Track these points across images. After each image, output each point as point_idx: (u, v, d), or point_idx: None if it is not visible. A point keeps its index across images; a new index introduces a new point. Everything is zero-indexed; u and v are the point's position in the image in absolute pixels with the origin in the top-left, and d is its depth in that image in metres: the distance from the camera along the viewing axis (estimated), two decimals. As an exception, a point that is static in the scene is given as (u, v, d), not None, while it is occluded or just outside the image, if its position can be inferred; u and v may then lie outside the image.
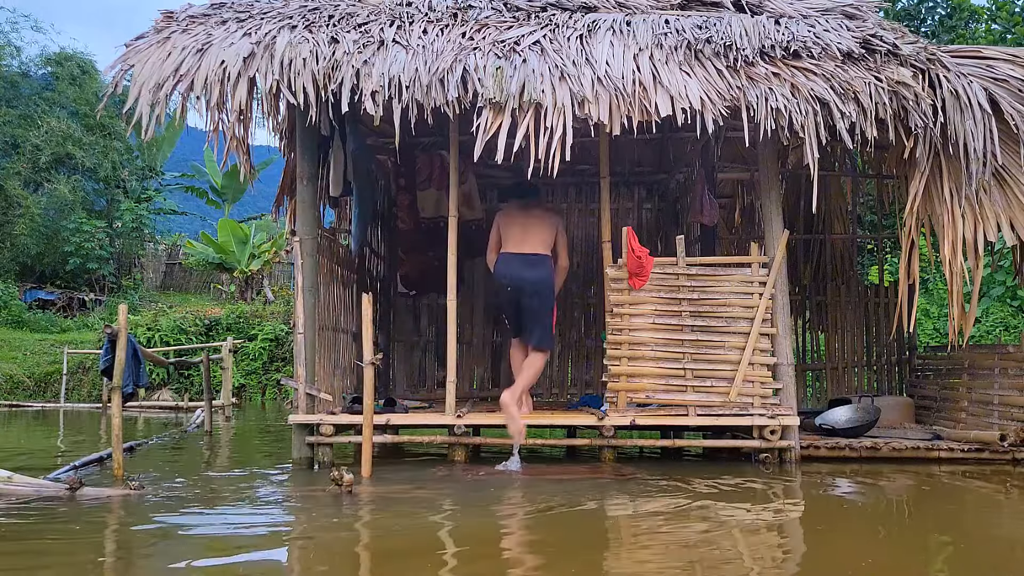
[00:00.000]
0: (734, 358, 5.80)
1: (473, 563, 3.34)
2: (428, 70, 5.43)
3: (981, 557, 3.53)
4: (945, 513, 4.49)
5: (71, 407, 14.60)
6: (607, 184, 6.38)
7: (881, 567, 3.25)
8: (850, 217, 8.73)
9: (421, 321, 8.98)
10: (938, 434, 6.34)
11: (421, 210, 8.04)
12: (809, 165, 5.38)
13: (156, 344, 15.80)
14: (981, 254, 5.67)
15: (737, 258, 6.75)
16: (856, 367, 8.24)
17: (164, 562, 3.33)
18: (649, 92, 5.40)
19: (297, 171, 6.34)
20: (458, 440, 5.95)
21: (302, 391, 5.94)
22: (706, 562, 3.28)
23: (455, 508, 4.44)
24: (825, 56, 5.64)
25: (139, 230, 23.13)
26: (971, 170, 5.59)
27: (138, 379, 6.05)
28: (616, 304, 5.91)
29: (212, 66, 5.46)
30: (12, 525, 4.00)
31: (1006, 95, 5.76)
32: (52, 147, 21.31)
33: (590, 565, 3.27)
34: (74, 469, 5.50)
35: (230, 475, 5.91)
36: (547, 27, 5.91)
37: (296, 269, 6.16)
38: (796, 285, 8.22)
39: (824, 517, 4.37)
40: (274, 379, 16.07)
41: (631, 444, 6.98)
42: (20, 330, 18.83)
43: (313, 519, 4.23)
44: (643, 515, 4.17)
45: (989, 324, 12.00)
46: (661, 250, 8.43)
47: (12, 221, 20.84)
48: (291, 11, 5.95)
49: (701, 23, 5.90)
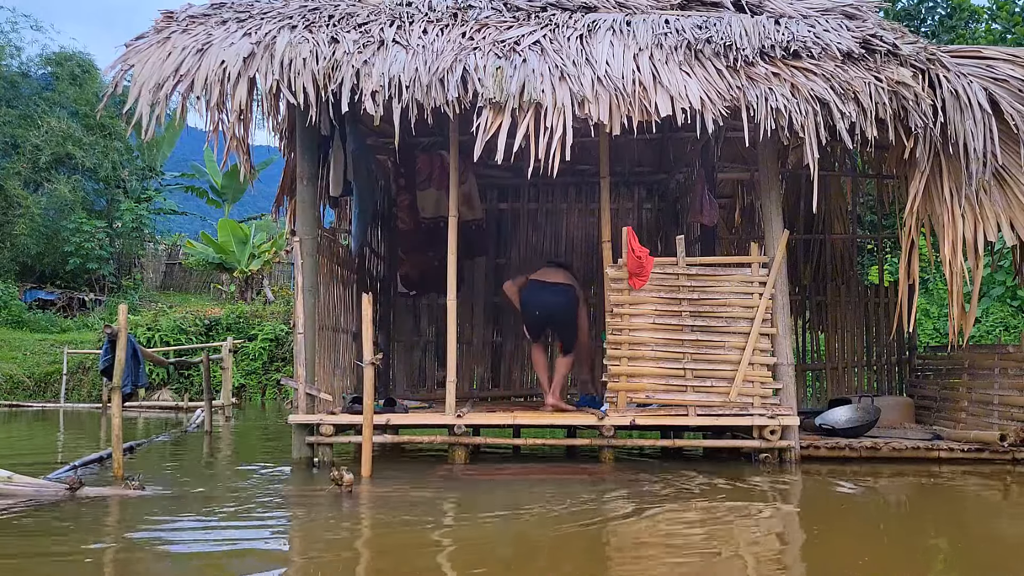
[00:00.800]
0: (734, 358, 5.80)
1: (474, 563, 3.34)
2: (428, 70, 5.43)
3: (981, 557, 3.53)
4: (945, 513, 4.49)
5: (71, 407, 14.60)
6: (607, 184, 6.38)
7: (881, 567, 3.25)
8: (850, 217, 8.73)
9: (421, 321, 8.99)
10: (938, 434, 6.34)
11: (421, 210, 8.03)
12: (809, 165, 5.38)
13: (156, 344, 15.80)
14: (981, 254, 5.67)
15: (737, 258, 6.75)
16: (856, 367, 8.24)
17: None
18: (649, 92, 5.40)
19: (297, 171, 6.34)
20: (458, 440, 5.95)
21: (302, 391, 5.94)
22: (706, 562, 3.28)
23: (456, 508, 4.44)
24: (825, 56, 5.64)
25: (139, 230, 23.11)
26: (971, 170, 5.59)
27: (138, 379, 6.05)
28: (616, 304, 5.91)
29: (212, 66, 5.46)
30: (12, 525, 4.00)
31: (1006, 95, 5.76)
32: (52, 147, 21.30)
33: (590, 565, 3.27)
34: (74, 469, 5.50)
35: (230, 476, 5.91)
36: (547, 27, 5.91)
37: (296, 269, 6.16)
38: (796, 285, 8.22)
39: (824, 517, 4.37)
40: (274, 379, 16.07)
41: (631, 444, 6.98)
42: (20, 330, 18.82)
43: (313, 520, 4.23)
44: (642, 515, 4.17)
45: (989, 324, 12.00)
46: (661, 250, 8.44)
47: (12, 221, 20.83)
48: (291, 11, 5.95)
49: (701, 23, 5.90)
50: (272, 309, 18.25)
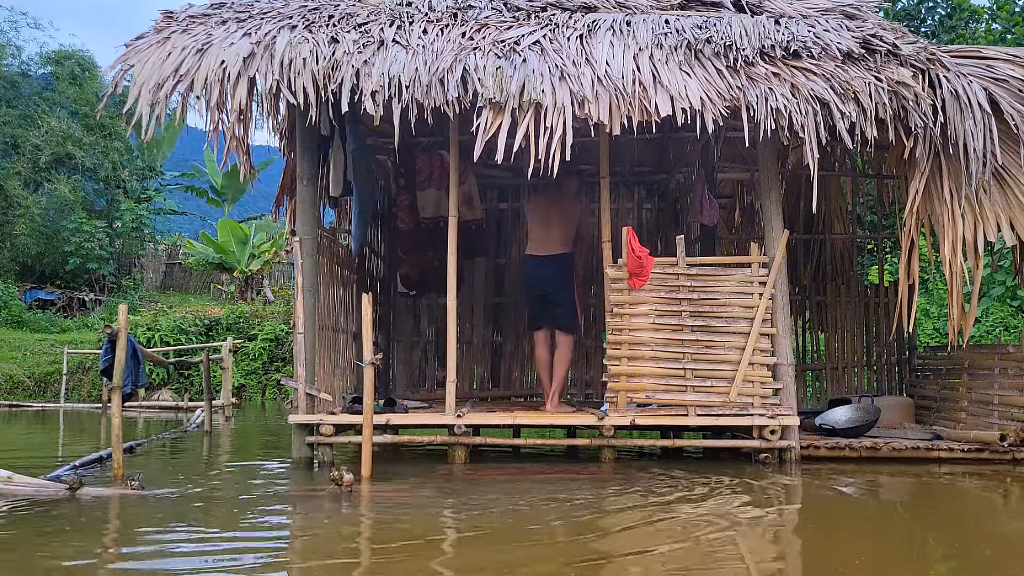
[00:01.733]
0: (734, 358, 5.80)
1: (474, 564, 3.34)
2: (428, 70, 5.43)
3: (981, 557, 3.53)
4: (945, 513, 4.49)
5: (71, 407, 14.60)
6: (607, 184, 6.38)
7: (881, 567, 3.25)
8: (850, 217, 8.73)
9: (421, 321, 8.99)
10: (938, 434, 6.34)
11: (421, 210, 8.03)
12: (809, 165, 5.38)
13: (156, 344, 15.80)
14: (981, 254, 5.67)
15: (737, 258, 6.75)
16: (856, 367, 8.24)
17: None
18: (649, 92, 5.40)
19: (297, 171, 6.34)
20: (458, 440, 5.95)
21: (302, 391, 5.94)
22: (705, 561, 3.28)
23: (456, 509, 4.44)
24: (825, 56, 5.64)
25: (139, 230, 23.11)
26: (971, 170, 5.59)
27: (138, 379, 6.05)
28: (616, 304, 5.91)
29: (212, 66, 5.45)
30: (12, 525, 4.00)
31: (1006, 95, 5.76)
32: (52, 147, 21.30)
33: (590, 565, 3.27)
34: (74, 469, 5.50)
35: (230, 475, 5.91)
36: (547, 27, 5.91)
37: (296, 269, 6.16)
38: (796, 285, 8.22)
39: (824, 517, 4.37)
40: (274, 379, 16.07)
41: (631, 444, 6.98)
42: (20, 330, 18.82)
43: (313, 521, 4.23)
44: (642, 515, 4.17)
45: (989, 324, 12.00)
46: (661, 250, 8.43)
47: (12, 221, 20.83)
48: (291, 11, 5.95)
49: (701, 23, 5.89)
50: (272, 309, 18.25)
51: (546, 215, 6.84)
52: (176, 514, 4.27)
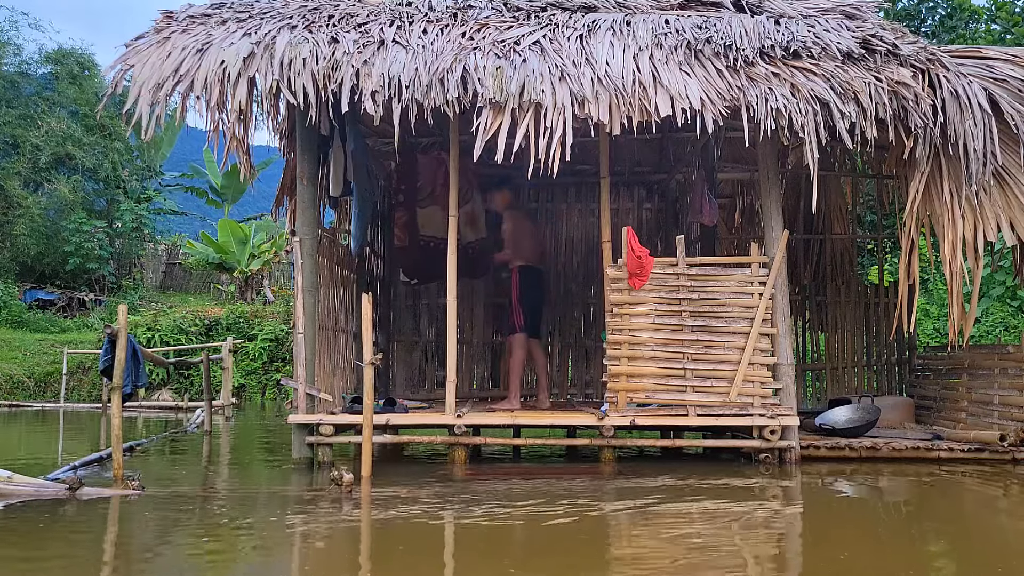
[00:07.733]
0: (734, 358, 5.79)
1: (474, 564, 3.34)
2: (428, 70, 5.43)
3: (981, 557, 3.53)
4: (945, 513, 4.49)
5: (71, 407, 14.59)
6: (607, 184, 6.38)
7: (880, 567, 3.25)
8: (850, 217, 8.73)
9: (421, 321, 8.99)
10: (938, 434, 6.34)
11: (421, 227, 7.95)
12: (809, 165, 5.38)
13: (156, 344, 15.79)
14: (981, 254, 5.67)
15: (737, 258, 6.76)
16: (856, 367, 8.24)
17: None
18: (649, 92, 5.40)
19: (297, 171, 6.34)
20: (458, 440, 5.95)
21: (302, 391, 5.94)
22: (705, 561, 3.28)
23: (456, 509, 4.44)
24: (825, 56, 5.64)
25: (139, 230, 23.09)
26: (971, 170, 5.59)
27: (137, 379, 6.04)
28: (616, 304, 5.91)
29: (212, 66, 5.45)
30: (12, 525, 4.00)
31: (1006, 95, 5.76)
32: (52, 147, 21.29)
33: (590, 564, 3.27)
34: (74, 469, 5.50)
35: (229, 475, 5.91)
36: (547, 27, 5.91)
37: (296, 269, 6.16)
38: (796, 285, 8.22)
39: (824, 517, 4.37)
40: (274, 379, 16.06)
41: (631, 444, 6.98)
42: (20, 330, 18.82)
43: (313, 521, 4.23)
44: (642, 515, 4.17)
45: (989, 324, 12.00)
46: (661, 250, 8.43)
47: (12, 221, 20.82)
48: (291, 11, 5.95)
49: (701, 23, 5.89)
50: (272, 309, 18.25)
51: (533, 228, 7.24)
52: (175, 514, 4.27)
